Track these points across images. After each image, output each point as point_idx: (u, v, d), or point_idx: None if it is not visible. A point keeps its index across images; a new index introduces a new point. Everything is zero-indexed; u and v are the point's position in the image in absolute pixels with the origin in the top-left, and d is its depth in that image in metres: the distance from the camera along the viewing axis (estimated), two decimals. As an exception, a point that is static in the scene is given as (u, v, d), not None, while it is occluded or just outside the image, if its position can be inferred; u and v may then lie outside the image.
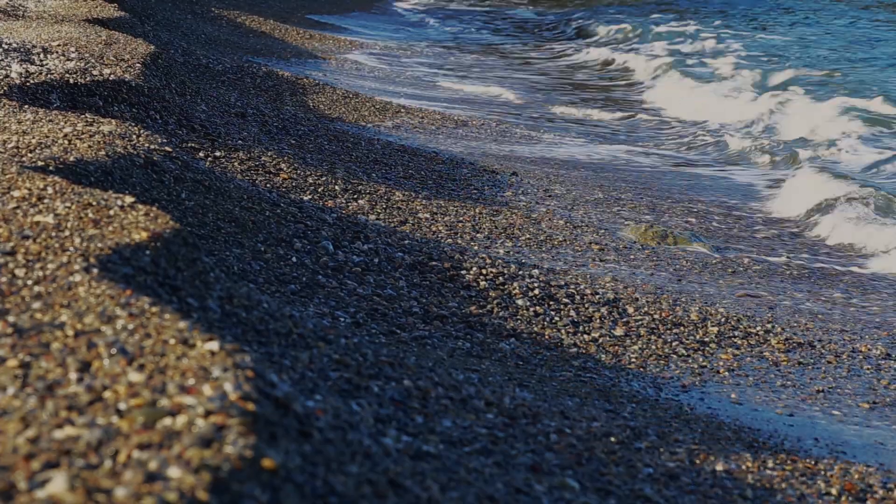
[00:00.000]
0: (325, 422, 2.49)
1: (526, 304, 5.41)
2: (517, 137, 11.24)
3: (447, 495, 2.68)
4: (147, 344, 2.51)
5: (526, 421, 3.61)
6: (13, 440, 2.03)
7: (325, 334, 3.62)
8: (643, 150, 11.68)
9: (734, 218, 8.79)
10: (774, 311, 6.16)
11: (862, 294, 6.95)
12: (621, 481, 3.39)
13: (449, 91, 14.74)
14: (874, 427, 4.73)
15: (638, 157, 11.21)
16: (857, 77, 15.49)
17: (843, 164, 11.06)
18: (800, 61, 17.32)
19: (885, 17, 21.29)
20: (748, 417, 4.64)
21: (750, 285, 6.75)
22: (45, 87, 6.53)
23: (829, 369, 5.34)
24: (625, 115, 14.21)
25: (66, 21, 10.20)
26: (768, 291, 6.67)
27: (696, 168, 11.03)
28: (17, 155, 4.53)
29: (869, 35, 20.25)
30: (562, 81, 17.45)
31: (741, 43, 19.54)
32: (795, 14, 23.26)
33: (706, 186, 10.03)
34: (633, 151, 11.50)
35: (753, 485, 3.72)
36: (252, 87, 11.01)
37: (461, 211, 7.23)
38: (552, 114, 13.88)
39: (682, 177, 10.39)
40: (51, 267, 3.00)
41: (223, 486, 1.94)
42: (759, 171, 10.94)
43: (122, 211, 3.59)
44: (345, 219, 6.01)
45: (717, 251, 7.54)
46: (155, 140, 5.40)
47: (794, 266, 7.49)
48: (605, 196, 8.79)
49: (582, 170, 9.98)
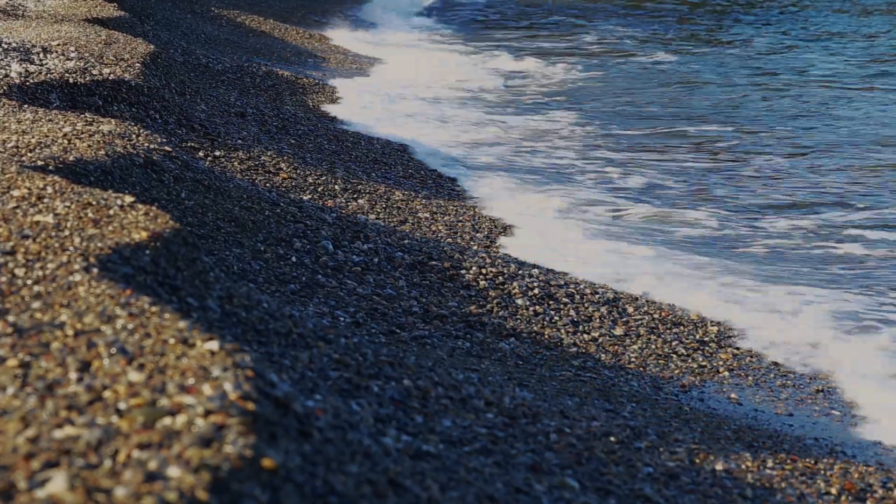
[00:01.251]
0: (325, 421, 2.49)
1: (526, 304, 5.41)
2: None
3: (447, 495, 2.68)
4: (147, 343, 2.51)
5: (526, 420, 3.62)
6: (13, 440, 2.03)
7: (325, 334, 3.63)
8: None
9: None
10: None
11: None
12: (621, 481, 3.40)
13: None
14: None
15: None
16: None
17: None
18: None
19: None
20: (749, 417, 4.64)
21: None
22: (44, 86, 6.53)
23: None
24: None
25: (65, 21, 10.20)
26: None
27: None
28: (17, 154, 4.53)
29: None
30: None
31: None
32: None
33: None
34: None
35: (753, 484, 3.72)
36: (252, 86, 11.01)
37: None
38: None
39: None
40: (50, 266, 3.00)
41: (223, 485, 1.94)
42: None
43: (122, 210, 3.59)
44: (344, 218, 6.01)
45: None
46: (155, 140, 5.40)
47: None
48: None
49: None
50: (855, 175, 9.50)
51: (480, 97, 13.09)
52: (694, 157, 10.24)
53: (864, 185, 9.17)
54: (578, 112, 12.38)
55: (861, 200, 8.70)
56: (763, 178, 9.46)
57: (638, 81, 14.67)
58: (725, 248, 7.39)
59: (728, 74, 15.10)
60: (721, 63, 16.11)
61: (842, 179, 9.34)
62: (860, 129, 11.43)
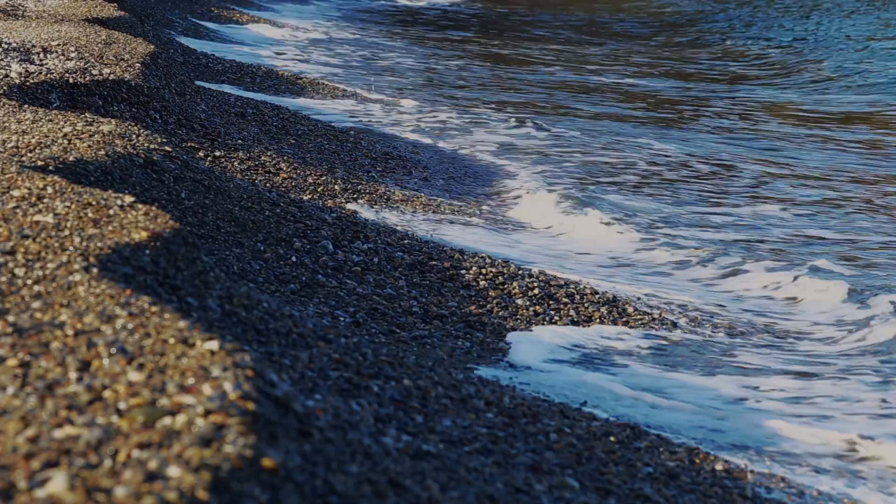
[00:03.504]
0: (324, 421, 2.49)
1: (526, 304, 5.40)
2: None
3: (447, 495, 2.68)
4: (147, 343, 2.51)
5: (526, 420, 3.62)
6: (13, 439, 2.03)
7: (325, 334, 3.62)
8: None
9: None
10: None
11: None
12: (621, 480, 3.40)
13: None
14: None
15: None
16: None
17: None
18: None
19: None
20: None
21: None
22: (44, 86, 6.53)
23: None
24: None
25: (65, 21, 10.20)
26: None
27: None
28: (17, 154, 4.53)
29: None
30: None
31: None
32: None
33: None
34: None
35: (753, 484, 3.72)
36: (251, 86, 11.02)
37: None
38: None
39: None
40: (50, 266, 3.00)
41: (223, 485, 1.94)
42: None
43: (122, 210, 3.59)
44: (344, 218, 6.01)
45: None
46: (155, 140, 5.40)
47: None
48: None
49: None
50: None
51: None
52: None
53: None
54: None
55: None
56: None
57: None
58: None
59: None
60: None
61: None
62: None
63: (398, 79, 14.19)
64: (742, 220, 8.22)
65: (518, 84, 14.83)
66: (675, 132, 11.92)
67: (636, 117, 12.81)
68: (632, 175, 9.42)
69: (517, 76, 15.56)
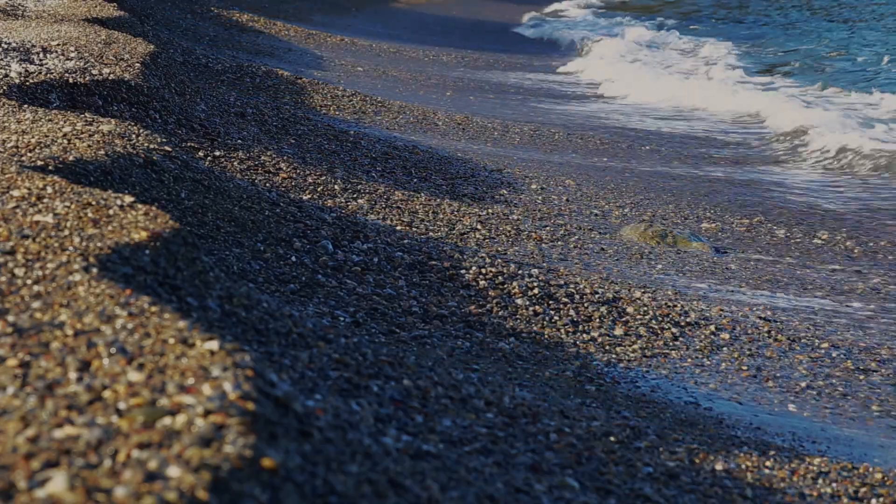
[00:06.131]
0: (324, 421, 2.49)
1: (525, 304, 5.40)
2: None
3: (447, 495, 2.68)
4: (147, 343, 2.51)
5: (526, 420, 3.61)
6: (13, 439, 2.03)
7: (325, 334, 3.62)
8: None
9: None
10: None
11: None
12: (621, 480, 3.40)
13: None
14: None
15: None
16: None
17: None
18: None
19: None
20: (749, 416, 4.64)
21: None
22: (44, 86, 6.53)
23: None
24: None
25: (65, 20, 10.19)
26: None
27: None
28: (17, 154, 4.53)
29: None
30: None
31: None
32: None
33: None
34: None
35: (753, 484, 3.72)
36: (252, 86, 11.01)
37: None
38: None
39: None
40: (50, 266, 3.00)
41: (223, 485, 1.94)
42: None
43: (122, 210, 3.59)
44: (344, 218, 6.01)
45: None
46: (154, 139, 5.40)
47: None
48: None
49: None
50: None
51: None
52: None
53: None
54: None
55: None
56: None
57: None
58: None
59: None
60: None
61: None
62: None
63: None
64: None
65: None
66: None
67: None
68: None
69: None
